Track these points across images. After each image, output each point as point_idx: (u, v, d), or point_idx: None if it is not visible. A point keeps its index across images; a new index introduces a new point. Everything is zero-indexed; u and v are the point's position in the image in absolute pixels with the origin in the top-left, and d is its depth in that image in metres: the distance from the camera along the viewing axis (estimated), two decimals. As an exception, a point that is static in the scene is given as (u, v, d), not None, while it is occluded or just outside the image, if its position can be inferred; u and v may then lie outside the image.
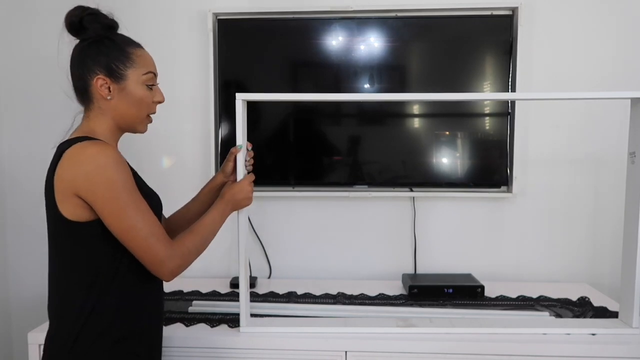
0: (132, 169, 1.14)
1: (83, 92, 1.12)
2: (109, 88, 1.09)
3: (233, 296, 1.73)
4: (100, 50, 1.09)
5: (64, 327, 1.08)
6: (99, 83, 1.09)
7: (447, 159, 1.93)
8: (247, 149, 1.36)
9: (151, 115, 1.19)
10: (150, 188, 1.20)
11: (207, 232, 1.19)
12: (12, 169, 2.06)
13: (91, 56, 1.09)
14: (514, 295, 1.73)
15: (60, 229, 1.06)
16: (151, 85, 1.15)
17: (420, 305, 1.64)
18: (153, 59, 1.17)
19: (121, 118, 1.13)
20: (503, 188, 1.94)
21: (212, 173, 1.94)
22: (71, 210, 1.04)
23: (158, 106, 1.20)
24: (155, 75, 1.16)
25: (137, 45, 1.14)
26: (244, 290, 1.39)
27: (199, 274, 2.01)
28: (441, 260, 2.00)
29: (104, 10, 1.12)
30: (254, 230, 2.01)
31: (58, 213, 1.04)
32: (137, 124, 1.16)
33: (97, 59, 1.09)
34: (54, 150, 1.10)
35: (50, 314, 1.13)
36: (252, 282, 1.88)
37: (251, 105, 1.36)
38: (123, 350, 1.10)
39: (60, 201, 1.04)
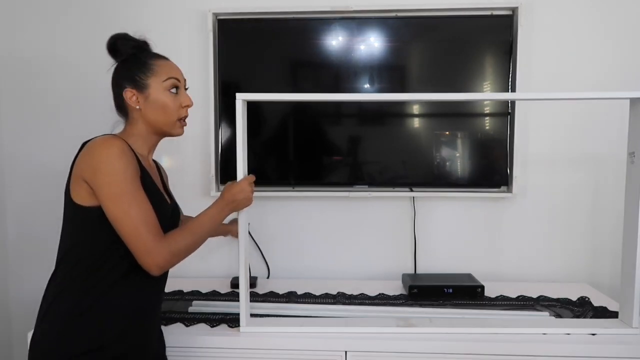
0: (160, 172, 1.32)
1: (121, 107, 1.22)
2: (137, 99, 1.19)
3: (233, 296, 1.72)
4: (126, 66, 1.21)
5: (57, 319, 1.12)
6: (128, 95, 1.19)
7: (447, 158, 1.93)
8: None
9: (187, 122, 1.26)
10: (162, 192, 1.23)
11: (203, 231, 1.20)
12: (12, 169, 2.06)
13: (120, 73, 1.21)
14: (514, 295, 1.73)
15: (69, 211, 1.14)
16: (175, 90, 1.22)
17: (420, 305, 1.64)
18: (177, 67, 1.25)
19: (152, 124, 1.21)
20: (503, 188, 1.94)
21: (212, 173, 1.94)
22: (79, 194, 1.11)
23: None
24: (178, 80, 1.22)
25: (160, 58, 1.23)
26: (244, 290, 1.39)
27: (199, 274, 2.02)
28: (441, 260, 2.00)
29: (137, 33, 1.24)
30: (250, 234, 2.01)
31: (69, 197, 1.13)
32: (170, 127, 1.23)
33: (124, 75, 1.20)
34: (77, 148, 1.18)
35: (48, 287, 1.17)
36: (252, 282, 1.88)
37: (251, 105, 1.36)
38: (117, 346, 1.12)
39: (72, 186, 1.12)
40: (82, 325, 1.10)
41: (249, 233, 2.00)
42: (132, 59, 1.21)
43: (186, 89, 1.27)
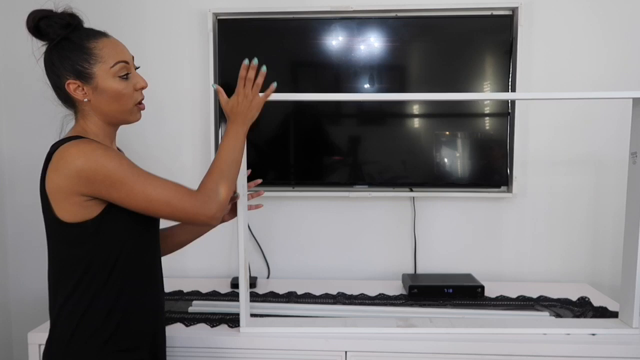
0: None
1: (65, 98, 1.10)
2: (84, 90, 1.06)
3: (233, 296, 1.73)
4: (61, 54, 1.05)
5: (60, 328, 1.08)
6: (72, 87, 1.06)
7: (447, 159, 1.93)
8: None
9: (145, 104, 1.13)
10: None
11: (229, 161, 1.13)
12: (12, 169, 2.06)
13: (56, 62, 1.06)
14: (514, 295, 1.73)
15: (55, 231, 1.06)
16: (125, 75, 1.07)
17: (420, 305, 1.64)
18: (122, 44, 1.09)
19: (107, 115, 1.09)
20: (503, 188, 1.94)
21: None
22: (68, 211, 1.02)
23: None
24: (127, 62, 1.08)
25: (99, 36, 1.07)
26: (244, 290, 1.38)
27: (199, 274, 2.02)
28: (441, 260, 2.00)
29: (62, 6, 1.06)
30: (252, 233, 2.01)
31: (53, 216, 1.03)
32: (126, 115, 1.10)
33: (62, 64, 1.05)
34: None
35: (50, 315, 1.13)
36: (252, 282, 1.88)
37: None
38: (116, 349, 1.09)
39: (56, 204, 1.02)
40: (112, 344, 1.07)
41: (250, 232, 2.00)
42: (65, 43, 1.04)
43: (137, 68, 1.12)
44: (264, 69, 1.20)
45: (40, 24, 1.04)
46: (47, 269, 1.12)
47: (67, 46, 1.04)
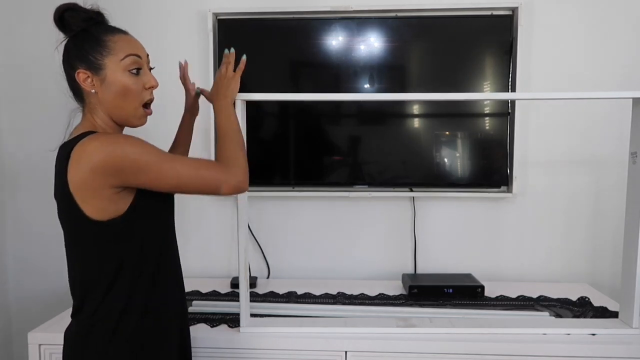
0: None
1: (75, 90, 1.10)
2: (92, 81, 1.06)
3: (233, 296, 1.73)
4: (77, 44, 1.06)
5: (99, 329, 1.06)
6: (81, 77, 1.06)
7: (447, 159, 1.93)
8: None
9: (152, 110, 1.13)
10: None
11: (230, 131, 1.17)
12: (12, 169, 2.06)
13: (72, 52, 1.07)
14: (514, 295, 1.73)
15: (83, 230, 1.03)
16: (136, 70, 1.07)
17: (420, 305, 1.64)
18: (139, 43, 1.10)
19: (112, 111, 1.08)
20: (503, 188, 1.94)
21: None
22: (97, 207, 1.01)
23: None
24: (139, 57, 1.08)
25: (117, 32, 1.08)
26: (244, 290, 1.39)
27: (199, 274, 2.02)
28: (441, 260, 2.00)
29: (89, 3, 1.09)
30: (252, 233, 2.01)
31: (81, 214, 1.01)
32: (130, 116, 1.09)
33: (76, 54, 1.06)
34: (57, 152, 1.08)
35: (77, 316, 1.10)
36: (252, 282, 1.88)
37: (251, 105, 1.36)
38: (149, 348, 1.09)
39: (83, 202, 1.00)
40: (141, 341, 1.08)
41: (250, 232, 2.00)
42: (83, 34, 1.06)
43: (151, 69, 1.13)
44: (243, 57, 1.27)
45: (65, 15, 1.06)
46: (69, 271, 1.10)
47: (84, 37, 1.06)
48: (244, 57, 1.27)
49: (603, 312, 1.58)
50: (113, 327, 1.05)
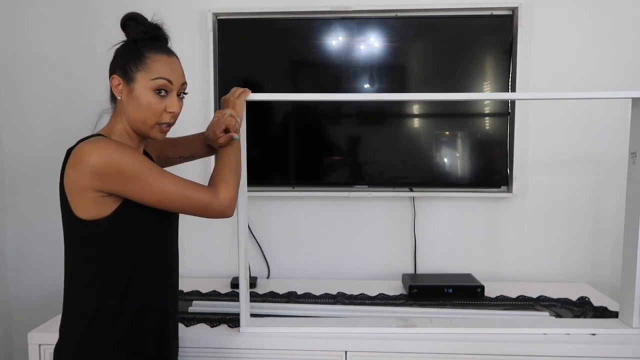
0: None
1: (111, 91, 1.14)
2: (122, 89, 1.10)
3: (233, 296, 1.73)
4: (123, 51, 1.12)
5: (70, 328, 1.09)
6: (114, 82, 1.11)
7: (447, 159, 1.93)
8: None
9: (169, 126, 1.15)
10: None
11: (232, 159, 1.21)
12: (12, 169, 2.06)
13: (117, 57, 1.13)
14: (514, 295, 1.73)
15: (71, 228, 1.08)
16: (162, 92, 1.10)
17: (420, 305, 1.64)
18: (180, 69, 1.14)
19: (130, 120, 1.12)
20: (503, 188, 1.94)
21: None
22: (83, 207, 1.04)
23: None
24: (170, 82, 1.10)
25: (161, 52, 1.12)
26: (244, 290, 1.39)
27: (199, 274, 2.02)
28: (441, 260, 2.00)
29: (155, 19, 1.16)
30: (252, 233, 2.01)
31: (71, 213, 1.05)
32: (147, 129, 1.12)
33: (118, 60, 1.11)
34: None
35: (63, 312, 1.13)
36: (252, 282, 1.88)
37: (251, 105, 1.36)
38: (125, 350, 1.09)
39: (72, 200, 1.05)
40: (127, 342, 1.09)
41: (250, 232, 2.00)
42: (131, 44, 1.11)
43: (184, 95, 1.16)
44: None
45: (128, 22, 1.12)
46: (64, 267, 1.14)
47: (131, 47, 1.11)
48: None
49: (603, 312, 1.58)
50: (84, 330, 1.07)
